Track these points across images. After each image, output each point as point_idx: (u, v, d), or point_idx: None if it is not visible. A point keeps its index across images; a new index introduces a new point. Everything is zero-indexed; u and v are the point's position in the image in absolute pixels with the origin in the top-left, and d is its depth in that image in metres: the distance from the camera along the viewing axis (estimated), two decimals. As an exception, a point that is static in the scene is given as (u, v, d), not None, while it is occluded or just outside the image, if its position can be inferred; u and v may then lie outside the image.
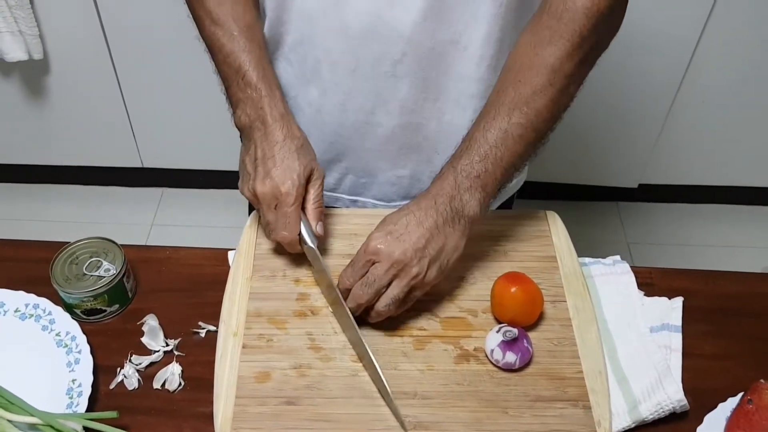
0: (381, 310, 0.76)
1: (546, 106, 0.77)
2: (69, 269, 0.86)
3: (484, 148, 0.77)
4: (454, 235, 0.76)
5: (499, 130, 0.76)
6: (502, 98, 0.77)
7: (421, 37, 0.81)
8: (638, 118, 1.91)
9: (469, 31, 0.81)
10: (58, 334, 0.82)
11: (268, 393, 0.74)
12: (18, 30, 1.73)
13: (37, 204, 2.17)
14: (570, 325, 0.81)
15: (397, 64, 0.83)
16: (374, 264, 0.75)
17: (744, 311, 0.88)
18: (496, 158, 0.77)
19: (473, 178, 0.76)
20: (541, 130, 0.79)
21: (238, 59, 0.83)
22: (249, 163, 0.83)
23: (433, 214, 0.75)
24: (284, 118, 0.82)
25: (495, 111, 0.77)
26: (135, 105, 1.96)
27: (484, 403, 0.74)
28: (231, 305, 0.82)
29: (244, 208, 1.04)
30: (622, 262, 0.91)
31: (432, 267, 0.75)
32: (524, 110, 0.76)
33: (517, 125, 0.76)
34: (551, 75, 0.76)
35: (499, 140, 0.76)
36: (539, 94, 0.76)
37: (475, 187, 0.77)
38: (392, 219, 0.77)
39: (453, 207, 0.76)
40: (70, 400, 0.76)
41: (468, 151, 0.77)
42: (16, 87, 1.92)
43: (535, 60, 0.76)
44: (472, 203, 0.77)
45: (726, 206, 2.15)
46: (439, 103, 0.87)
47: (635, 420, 0.76)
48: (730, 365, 0.82)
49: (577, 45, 0.76)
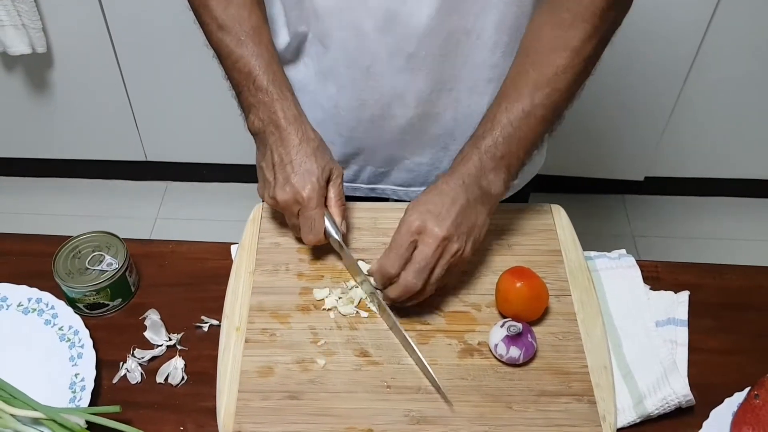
0: (429, 293, 0.77)
1: (567, 86, 0.79)
2: (71, 263, 0.85)
3: (508, 129, 0.78)
4: (483, 212, 0.79)
5: (522, 112, 0.78)
6: (524, 79, 0.79)
7: (435, 30, 0.81)
8: (644, 110, 1.89)
9: (482, 19, 0.82)
10: (60, 329, 0.82)
11: (271, 387, 0.74)
12: (21, 23, 1.73)
13: (39, 198, 2.17)
14: (575, 319, 0.80)
15: (412, 58, 0.83)
16: (417, 247, 0.75)
17: (751, 305, 0.87)
18: (520, 139, 0.78)
19: (498, 158, 0.78)
20: (561, 109, 0.81)
21: (247, 64, 0.83)
22: (267, 170, 0.83)
23: (463, 194, 0.77)
24: (298, 120, 0.82)
25: (517, 92, 0.78)
26: (138, 98, 1.95)
27: (488, 397, 0.74)
28: (234, 300, 0.81)
29: (248, 202, 1.03)
30: (628, 256, 0.90)
31: (468, 242, 0.77)
32: (546, 91, 0.78)
33: (540, 106, 0.78)
34: (573, 57, 0.77)
35: (522, 121, 0.78)
36: (561, 75, 0.78)
37: (500, 168, 0.78)
38: (426, 200, 0.77)
39: (480, 187, 0.78)
40: (73, 395, 0.76)
41: (491, 132, 0.78)
42: (19, 80, 1.92)
43: (556, 42, 0.77)
44: (497, 183, 0.79)
45: (732, 199, 2.14)
46: (455, 92, 0.87)
47: (640, 415, 0.75)
48: (736, 360, 0.81)
49: (597, 26, 0.77)
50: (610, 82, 1.80)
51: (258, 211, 0.91)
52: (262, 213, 0.91)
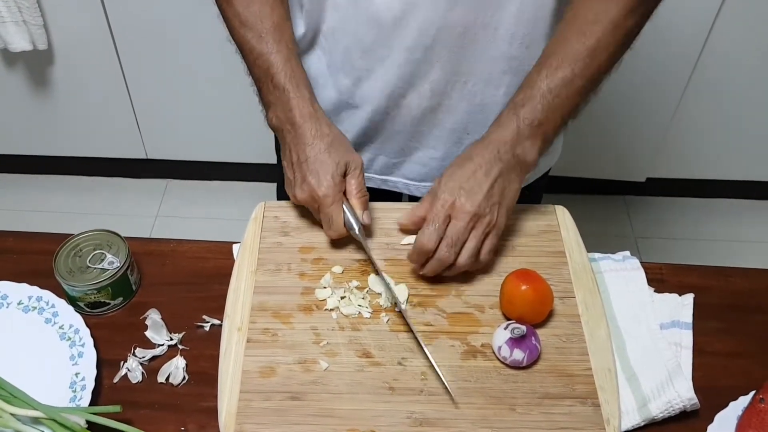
0: (462, 264, 0.78)
1: (607, 58, 0.79)
2: (72, 262, 0.85)
3: (548, 97, 0.78)
4: (516, 180, 0.80)
5: (563, 80, 0.78)
6: (565, 48, 0.79)
7: (452, 23, 0.81)
8: (646, 111, 1.89)
9: (500, 13, 0.82)
10: (61, 327, 0.82)
11: (273, 388, 0.74)
12: (22, 20, 1.72)
13: (40, 195, 2.17)
14: (579, 321, 0.80)
15: (429, 50, 0.83)
16: (451, 221, 0.77)
17: (756, 308, 0.86)
18: (558, 107, 0.79)
19: (535, 126, 0.79)
20: (598, 81, 0.81)
21: (267, 61, 0.84)
22: (288, 168, 0.84)
23: (498, 163, 0.78)
24: (312, 117, 0.83)
25: (558, 60, 0.79)
26: (139, 96, 1.95)
27: (491, 399, 0.73)
28: (235, 299, 0.81)
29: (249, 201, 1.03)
30: (632, 258, 0.90)
31: (500, 211, 0.79)
32: (587, 61, 0.78)
33: (580, 76, 0.78)
34: (614, 29, 0.78)
35: (562, 90, 0.78)
36: (602, 47, 0.78)
37: (537, 135, 0.79)
38: (460, 173, 0.79)
39: (515, 155, 0.79)
40: (74, 394, 0.76)
41: (531, 100, 0.79)
42: (20, 77, 1.91)
43: (598, 16, 0.78)
44: (532, 151, 0.80)
45: (734, 201, 2.14)
46: (470, 85, 0.88)
47: (645, 418, 0.75)
48: (741, 363, 0.81)
49: (639, 3, 0.78)
50: (613, 84, 1.78)
51: (260, 209, 0.91)
52: (264, 212, 0.90)
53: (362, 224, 0.83)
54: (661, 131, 1.93)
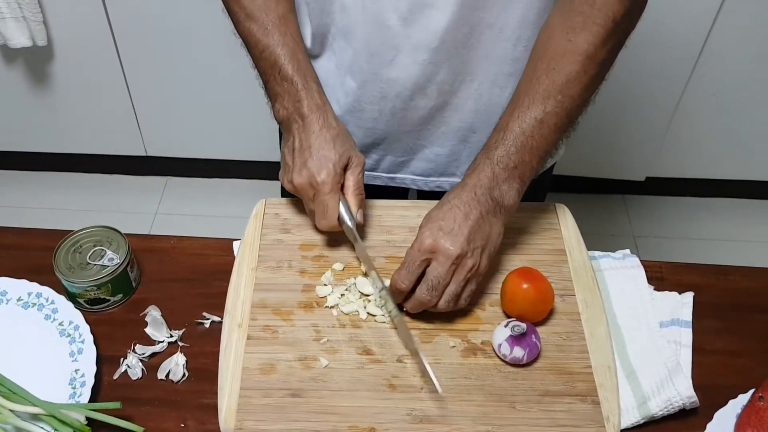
0: (442, 307, 0.76)
1: (580, 93, 0.77)
2: (72, 258, 0.85)
3: (521, 139, 0.77)
4: (497, 224, 0.78)
5: (535, 120, 0.77)
6: (535, 86, 0.77)
7: (459, 23, 0.81)
8: (646, 110, 1.89)
9: (505, 14, 0.81)
10: (61, 324, 0.82)
11: (273, 385, 0.74)
12: (22, 16, 1.72)
13: (40, 191, 2.16)
14: (579, 319, 0.80)
15: (436, 51, 0.83)
16: (431, 263, 0.75)
17: (756, 307, 0.87)
18: (533, 148, 0.77)
19: (511, 169, 0.77)
20: (574, 116, 0.79)
21: (273, 54, 0.83)
22: (287, 155, 0.84)
23: (477, 206, 0.76)
24: (320, 109, 0.83)
25: (529, 100, 0.77)
26: (139, 93, 1.94)
27: (491, 397, 0.73)
28: (236, 296, 0.81)
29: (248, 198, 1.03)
30: (632, 256, 0.90)
31: (483, 256, 0.76)
32: (559, 98, 0.76)
33: (552, 114, 0.77)
34: (585, 62, 0.76)
35: (535, 130, 0.77)
36: (574, 81, 0.76)
37: (513, 178, 0.77)
38: (439, 216, 0.77)
39: (493, 198, 0.77)
40: (73, 391, 0.76)
41: (504, 142, 0.77)
42: (19, 74, 1.91)
43: (569, 47, 0.76)
44: (510, 193, 0.78)
45: (733, 200, 2.14)
46: (476, 84, 0.87)
47: (644, 416, 0.75)
48: (741, 362, 0.81)
49: (611, 30, 0.75)
50: (612, 83, 1.77)
51: (261, 207, 0.91)
52: (265, 209, 0.90)
53: (356, 222, 0.82)
54: (660, 130, 1.93)
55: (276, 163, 2.38)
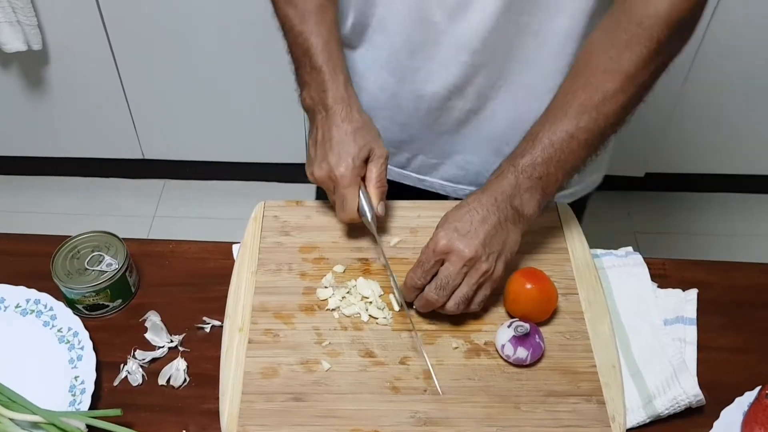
0: (451, 309, 0.75)
1: (615, 112, 0.75)
2: (70, 264, 0.84)
3: (549, 150, 0.75)
4: (515, 231, 0.76)
5: (566, 133, 0.75)
6: (571, 100, 0.75)
7: (503, 27, 0.80)
8: (645, 106, 1.88)
9: (551, 24, 0.80)
10: (59, 330, 0.81)
11: (275, 389, 0.73)
12: (16, 20, 1.71)
13: (36, 196, 2.16)
14: (582, 318, 0.79)
15: (477, 54, 0.82)
16: (444, 264, 0.74)
17: (761, 303, 0.86)
18: (560, 161, 0.75)
19: (535, 179, 0.76)
20: (606, 135, 0.77)
21: (307, 41, 0.83)
22: (311, 146, 0.84)
23: (495, 212, 0.75)
24: (345, 101, 0.82)
25: (563, 113, 0.75)
26: (135, 95, 1.94)
27: (495, 398, 0.73)
28: (236, 300, 0.80)
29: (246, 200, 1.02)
30: (635, 254, 0.89)
31: (498, 262, 0.75)
32: (593, 115, 0.74)
33: (584, 130, 0.75)
34: (625, 82, 0.74)
35: (565, 143, 0.75)
36: (610, 100, 0.74)
37: (536, 188, 0.76)
38: (456, 217, 0.76)
39: (513, 206, 0.76)
40: (73, 398, 0.75)
41: (531, 151, 0.76)
42: (15, 78, 1.90)
43: (609, 64, 0.74)
44: (531, 204, 0.76)
45: (734, 195, 2.13)
46: (513, 94, 0.86)
47: (650, 415, 0.74)
48: (746, 359, 0.80)
49: (655, 52, 0.73)
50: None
51: (260, 209, 0.90)
52: (264, 211, 0.90)
53: (375, 215, 0.81)
54: (660, 126, 1.92)
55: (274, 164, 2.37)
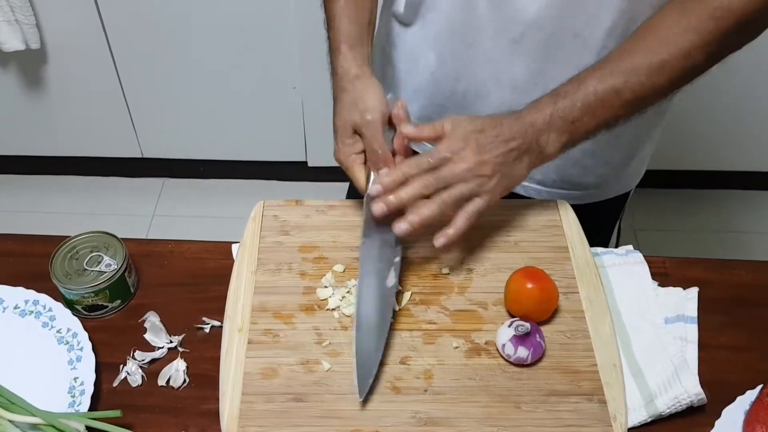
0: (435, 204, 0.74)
1: (662, 84, 0.76)
2: (69, 264, 0.84)
3: (591, 98, 0.76)
4: (526, 164, 0.77)
5: (612, 88, 0.75)
6: (627, 59, 0.76)
7: (545, 21, 0.80)
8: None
9: (593, 24, 0.80)
10: (59, 331, 0.81)
11: (275, 389, 0.73)
12: (14, 19, 1.70)
13: (34, 195, 2.15)
14: (583, 317, 0.79)
15: (516, 44, 0.83)
16: (450, 162, 0.74)
17: (762, 301, 0.86)
18: (596, 112, 0.76)
19: (569, 122, 0.76)
20: (646, 103, 0.78)
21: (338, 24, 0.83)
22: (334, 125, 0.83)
23: (521, 140, 0.76)
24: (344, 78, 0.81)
25: (616, 68, 0.76)
26: (134, 94, 1.93)
27: (496, 398, 0.72)
28: (236, 300, 0.80)
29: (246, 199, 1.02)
30: (635, 252, 0.89)
31: (500, 182, 0.76)
32: (642, 79, 0.75)
33: (630, 90, 0.76)
34: (682, 59, 0.75)
35: (608, 97, 0.76)
36: (664, 71, 0.75)
37: (565, 131, 0.77)
38: (482, 124, 0.76)
39: (539, 141, 0.77)
40: (72, 399, 0.75)
41: (574, 94, 0.76)
42: (13, 77, 1.89)
43: (673, 40, 0.75)
44: (555, 145, 0.77)
45: (734, 192, 2.13)
46: (550, 89, 0.85)
47: (652, 414, 0.74)
48: (748, 357, 0.80)
49: (717, 41, 0.75)
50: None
51: (259, 209, 0.90)
52: (263, 211, 0.89)
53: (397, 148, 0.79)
54: (659, 123, 1.92)
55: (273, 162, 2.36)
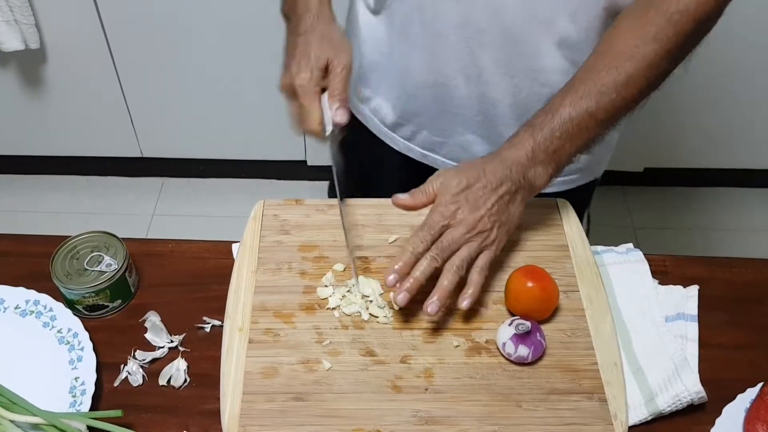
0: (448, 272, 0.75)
1: (633, 97, 0.78)
2: (70, 264, 0.84)
3: (567, 126, 0.77)
4: (520, 203, 0.79)
5: (586, 112, 0.77)
6: (594, 79, 0.77)
7: (509, 9, 0.81)
8: (644, 101, 1.88)
9: (557, 10, 0.81)
10: (59, 331, 0.81)
11: (276, 389, 0.73)
12: (13, 19, 1.70)
13: (34, 195, 2.15)
14: (583, 315, 0.79)
15: (482, 33, 0.84)
16: (448, 229, 0.75)
17: (762, 299, 0.86)
18: (575, 137, 0.77)
19: (551, 153, 0.77)
20: (621, 116, 0.80)
21: None
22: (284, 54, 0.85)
23: (507, 182, 0.76)
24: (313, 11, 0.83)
25: (585, 90, 0.77)
26: (133, 94, 1.93)
27: (497, 396, 0.73)
28: (236, 299, 0.80)
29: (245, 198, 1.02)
30: (636, 250, 0.89)
31: (501, 230, 0.77)
32: (613, 97, 0.76)
33: (603, 110, 0.77)
34: (648, 69, 0.76)
35: (583, 121, 0.77)
36: (632, 85, 0.77)
37: (550, 161, 0.78)
38: (466, 179, 0.76)
39: (526, 177, 0.77)
40: (73, 399, 0.75)
41: (550, 124, 0.77)
42: (12, 77, 1.89)
43: (636, 52, 0.76)
44: (543, 176, 0.78)
45: (734, 189, 2.13)
46: (517, 80, 0.87)
47: (652, 412, 0.74)
48: (748, 355, 0.80)
49: (678, 45, 0.76)
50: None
51: (259, 208, 0.90)
52: (263, 210, 0.89)
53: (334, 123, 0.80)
54: (658, 120, 1.92)
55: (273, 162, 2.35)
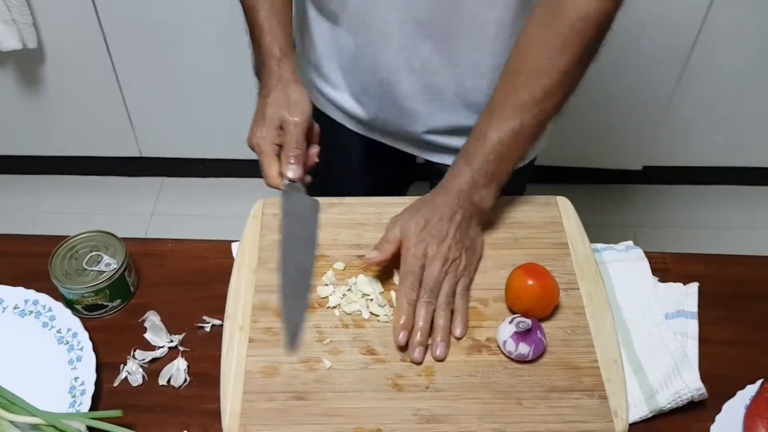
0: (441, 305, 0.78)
1: (555, 106, 0.82)
2: (69, 264, 0.84)
3: (499, 148, 0.81)
4: (476, 225, 0.84)
5: (512, 131, 0.81)
6: (513, 98, 0.81)
7: (443, 4, 0.83)
8: (642, 99, 1.88)
9: (485, 9, 0.84)
10: (59, 331, 0.81)
11: (277, 388, 0.73)
12: (11, 18, 1.70)
13: (32, 195, 2.15)
14: (583, 313, 0.79)
15: (422, 26, 0.86)
16: (426, 270, 0.78)
17: (762, 296, 0.86)
18: (508, 156, 0.82)
19: (489, 175, 0.82)
20: (546, 125, 0.84)
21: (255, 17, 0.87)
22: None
23: (459, 210, 0.81)
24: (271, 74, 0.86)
25: (508, 111, 0.81)
26: (132, 93, 1.93)
27: (497, 394, 0.73)
28: (236, 299, 0.80)
29: (244, 198, 1.02)
30: (635, 248, 0.89)
31: (469, 254, 0.81)
32: (535, 112, 0.81)
33: (528, 125, 0.81)
34: (562, 79, 0.80)
35: (512, 140, 0.81)
36: (551, 97, 0.81)
37: (490, 182, 0.82)
38: (422, 217, 0.80)
39: (473, 203, 0.82)
40: (73, 399, 0.75)
41: (482, 150, 0.82)
42: (10, 77, 1.89)
43: (548, 64, 0.80)
44: (489, 198, 0.83)
45: (732, 187, 2.13)
46: (460, 69, 0.90)
47: (652, 409, 0.74)
48: (748, 352, 0.80)
49: (586, 50, 0.81)
50: (608, 71, 1.79)
51: (259, 207, 0.90)
52: (264, 209, 0.89)
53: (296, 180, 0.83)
54: (657, 119, 1.92)
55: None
